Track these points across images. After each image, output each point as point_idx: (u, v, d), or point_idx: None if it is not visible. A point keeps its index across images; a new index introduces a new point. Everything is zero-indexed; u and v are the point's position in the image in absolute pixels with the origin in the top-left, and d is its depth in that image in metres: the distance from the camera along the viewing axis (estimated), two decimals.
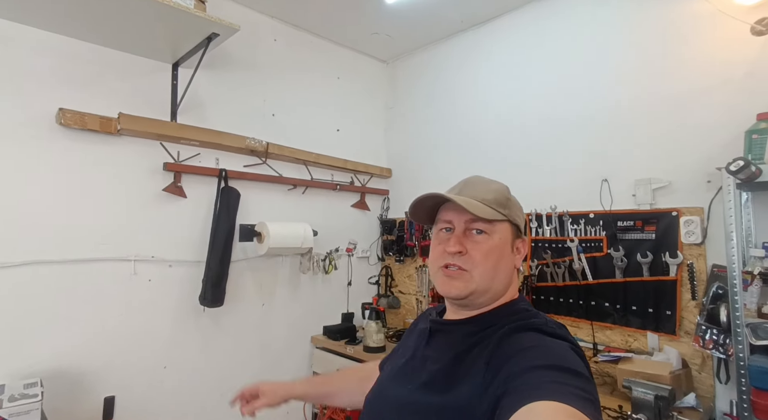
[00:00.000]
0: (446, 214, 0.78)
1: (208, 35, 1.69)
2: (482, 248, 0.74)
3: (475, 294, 0.74)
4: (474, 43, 2.46)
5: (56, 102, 1.63)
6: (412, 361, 0.78)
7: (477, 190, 0.77)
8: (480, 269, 0.73)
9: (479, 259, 0.73)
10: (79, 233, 1.68)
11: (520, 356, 0.61)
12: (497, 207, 0.75)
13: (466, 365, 0.68)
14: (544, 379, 0.55)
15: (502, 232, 0.76)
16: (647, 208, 1.73)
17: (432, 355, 0.75)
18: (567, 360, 0.59)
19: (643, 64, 1.79)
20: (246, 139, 2.13)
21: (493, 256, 0.73)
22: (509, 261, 0.77)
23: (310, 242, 2.23)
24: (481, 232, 0.75)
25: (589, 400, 0.52)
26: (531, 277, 2.06)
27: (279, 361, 2.30)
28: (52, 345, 1.59)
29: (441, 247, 0.77)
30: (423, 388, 0.70)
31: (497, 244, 0.74)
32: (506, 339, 0.67)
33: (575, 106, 2.00)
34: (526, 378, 0.56)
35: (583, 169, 1.95)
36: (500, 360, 0.63)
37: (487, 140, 2.36)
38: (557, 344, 0.64)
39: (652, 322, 1.68)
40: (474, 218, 0.74)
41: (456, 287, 0.73)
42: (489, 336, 0.69)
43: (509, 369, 0.59)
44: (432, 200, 0.78)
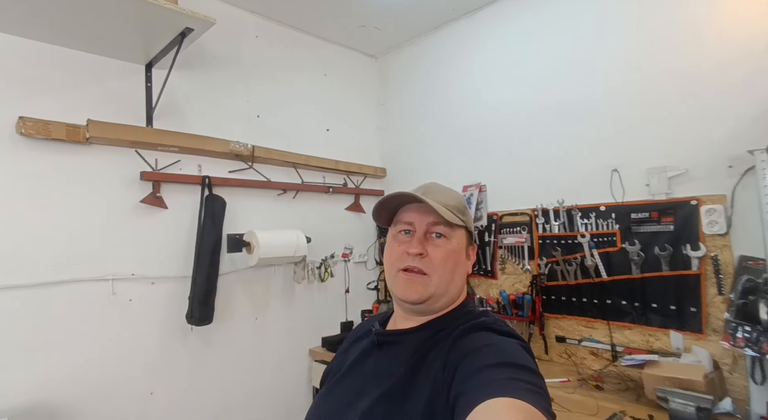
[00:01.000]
0: (408, 215, 0.78)
1: (182, 31, 1.55)
2: (441, 252, 0.75)
3: (433, 298, 0.74)
4: (467, 32, 2.34)
5: (16, 110, 1.48)
6: (361, 378, 0.75)
7: (439, 195, 0.78)
8: (439, 273, 0.74)
9: (439, 262, 0.74)
10: (49, 253, 1.53)
11: (473, 356, 0.62)
12: (457, 213, 0.77)
13: (424, 373, 0.68)
14: (497, 377, 0.57)
15: (459, 237, 0.78)
16: (663, 198, 1.62)
17: (385, 368, 0.73)
18: (516, 356, 0.62)
19: (652, 41, 1.67)
20: (230, 143, 1.99)
21: (450, 261, 0.75)
22: (464, 266, 0.79)
23: (303, 250, 2.09)
24: (441, 235, 0.76)
25: (539, 393, 0.55)
26: (540, 277, 1.94)
27: (276, 379, 2.16)
28: (22, 379, 1.44)
29: (401, 248, 0.76)
30: (381, 403, 0.68)
31: (455, 248, 0.76)
32: (459, 340, 0.68)
33: (579, 92, 1.88)
34: (479, 377, 0.58)
35: (591, 160, 1.84)
36: (455, 362, 0.64)
37: (485, 133, 2.24)
38: (507, 342, 0.66)
39: (675, 320, 1.56)
40: (435, 221, 0.75)
41: (416, 291, 0.74)
42: (443, 339, 0.71)
43: (464, 369, 0.61)
44: (400, 200, 0.78)
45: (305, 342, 2.29)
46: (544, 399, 0.55)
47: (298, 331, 2.27)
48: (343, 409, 0.72)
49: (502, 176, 2.17)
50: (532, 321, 1.94)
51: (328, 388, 0.81)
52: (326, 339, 2.29)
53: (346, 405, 0.72)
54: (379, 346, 0.78)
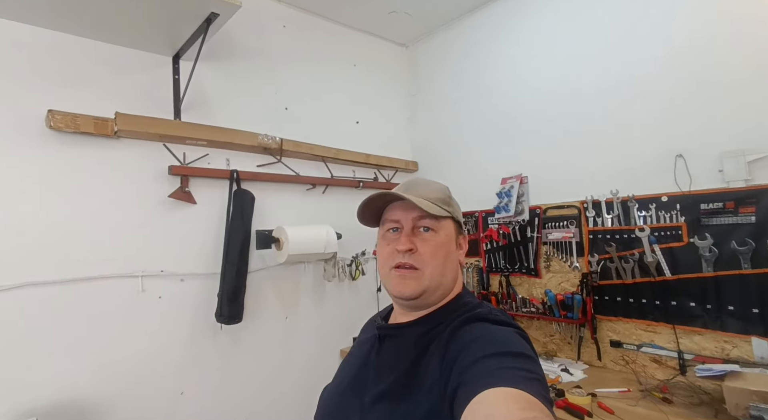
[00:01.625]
0: (393, 213, 0.78)
1: (207, 16, 1.49)
2: (431, 245, 0.75)
3: (427, 292, 0.75)
4: (505, 12, 2.19)
5: (45, 103, 1.46)
6: (364, 371, 0.77)
7: (422, 189, 0.79)
8: (431, 266, 0.74)
9: (429, 256, 0.75)
10: (78, 249, 1.50)
11: (470, 348, 0.63)
12: (442, 204, 0.78)
13: (423, 366, 0.68)
14: (492, 367, 0.57)
15: (447, 228, 0.78)
16: (741, 186, 1.42)
17: (386, 362, 0.75)
18: (512, 344, 0.62)
19: (731, 15, 1.46)
20: (258, 136, 1.92)
21: (441, 253, 0.75)
22: (455, 257, 0.79)
23: (333, 247, 2.00)
24: (428, 229, 0.76)
25: (536, 379, 0.56)
26: (591, 275, 1.76)
27: (306, 379, 2.07)
28: (52, 377, 1.41)
29: (390, 246, 0.77)
30: (383, 398, 0.69)
31: (444, 240, 0.77)
32: (456, 333, 0.68)
33: (634, 69, 1.69)
34: (476, 368, 0.58)
35: (650, 145, 1.65)
36: (453, 354, 0.64)
37: (526, 120, 2.08)
38: (502, 331, 0.66)
39: (758, 324, 1.36)
40: (421, 216, 0.76)
41: (410, 286, 0.74)
42: (441, 332, 0.71)
43: (461, 362, 0.61)
44: (382, 200, 0.78)
45: (336, 342, 2.21)
46: (541, 385, 0.55)
47: (329, 331, 2.18)
48: (349, 405, 0.73)
49: (545, 166, 2.00)
50: (582, 323, 1.77)
51: (338, 382, 0.82)
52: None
53: (353, 401, 0.73)
54: (381, 340, 0.79)
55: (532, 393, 0.51)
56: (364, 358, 0.80)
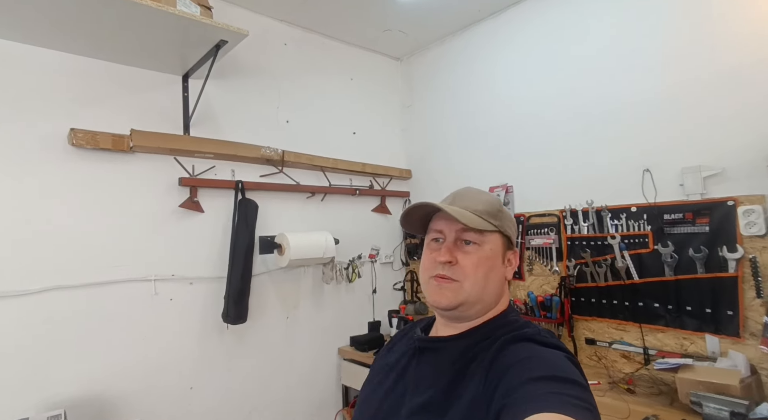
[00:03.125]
0: (437, 223, 0.78)
1: (217, 43, 1.63)
2: (472, 259, 0.73)
3: (465, 305, 0.73)
4: (492, 32, 2.34)
5: (67, 122, 1.59)
6: (402, 383, 0.75)
7: (468, 200, 0.77)
8: (470, 280, 0.72)
9: (469, 269, 0.73)
10: (98, 255, 1.64)
11: (517, 368, 0.61)
12: (488, 218, 0.75)
13: (464, 383, 0.66)
14: (541, 391, 0.55)
15: (492, 242, 0.75)
16: (698, 199, 1.58)
17: (425, 375, 0.73)
18: (562, 369, 0.59)
19: (687, 39, 1.63)
20: (261, 148, 2.06)
21: (483, 267, 0.73)
22: (500, 272, 0.76)
23: (332, 251, 2.15)
24: (472, 242, 0.74)
25: (587, 409, 0.53)
26: (569, 278, 1.92)
27: (307, 375, 2.22)
28: (76, 373, 1.55)
29: (432, 256, 0.77)
30: (421, 412, 0.67)
31: (488, 254, 0.74)
32: (501, 352, 0.66)
33: (610, 90, 1.85)
34: (523, 391, 0.56)
35: (622, 160, 1.81)
36: (497, 374, 0.62)
37: (512, 134, 2.23)
38: (552, 354, 0.63)
39: (710, 323, 1.52)
40: (465, 228, 0.73)
41: (446, 297, 0.73)
42: (484, 350, 0.69)
43: (507, 383, 0.59)
44: (423, 210, 0.78)
45: (334, 341, 2.35)
46: (592, 415, 0.52)
47: (328, 330, 2.33)
48: (386, 417, 0.72)
49: (529, 177, 2.16)
50: (560, 323, 1.93)
51: (372, 390, 0.81)
52: (354, 338, 2.34)
53: (390, 412, 0.72)
54: (421, 352, 0.77)
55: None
56: (402, 369, 0.78)
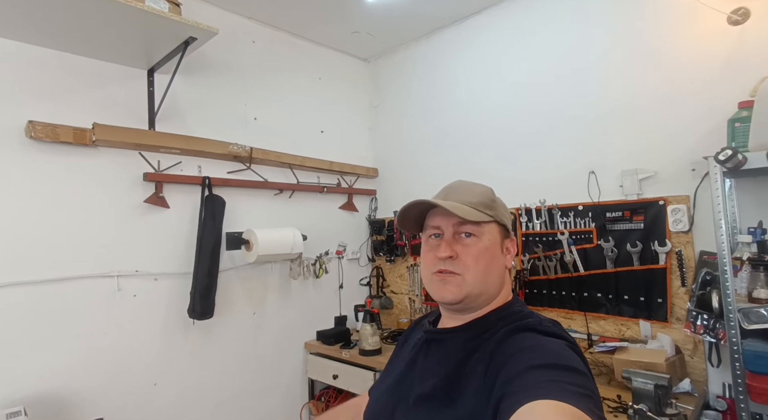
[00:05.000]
0: (434, 219, 0.78)
1: (185, 40, 1.63)
2: (472, 251, 0.74)
3: (470, 297, 0.73)
4: (455, 38, 2.46)
5: (25, 114, 1.55)
6: (411, 374, 0.77)
7: (461, 194, 0.78)
8: (472, 272, 0.73)
9: (470, 262, 0.73)
10: (58, 251, 1.60)
11: (517, 358, 0.61)
12: (483, 209, 0.76)
13: (467, 373, 0.68)
14: (541, 379, 0.55)
15: (490, 233, 0.76)
16: (635, 198, 1.76)
17: (431, 366, 0.74)
18: (563, 357, 0.60)
19: (625, 56, 1.81)
20: (229, 144, 2.07)
21: (484, 259, 0.74)
22: (500, 262, 0.77)
23: (299, 247, 2.19)
24: (470, 235, 0.75)
25: (587, 395, 0.53)
26: (523, 272, 2.07)
27: (274, 370, 2.26)
28: (35, 370, 1.52)
29: (432, 253, 0.77)
30: (425, 402, 0.69)
31: (487, 245, 0.75)
32: (503, 342, 0.67)
33: (561, 99, 2.01)
34: (524, 379, 0.57)
35: (571, 162, 1.97)
36: (498, 363, 0.63)
37: (472, 136, 2.36)
38: (553, 342, 0.64)
39: (644, 310, 1.70)
40: (462, 221, 0.74)
41: (450, 291, 0.73)
42: (486, 341, 0.70)
43: (507, 371, 0.60)
44: (418, 208, 0.78)
45: (301, 335, 2.39)
46: (592, 401, 0.53)
47: (294, 325, 2.37)
48: (395, 406, 0.74)
49: (488, 177, 2.28)
50: None
51: (386, 383, 0.83)
52: (321, 332, 2.40)
53: (398, 402, 0.74)
54: (428, 344, 0.79)
55: (583, 409, 0.49)
56: (410, 360, 0.80)
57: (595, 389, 0.57)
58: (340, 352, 2.21)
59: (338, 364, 2.19)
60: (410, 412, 0.71)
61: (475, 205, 0.75)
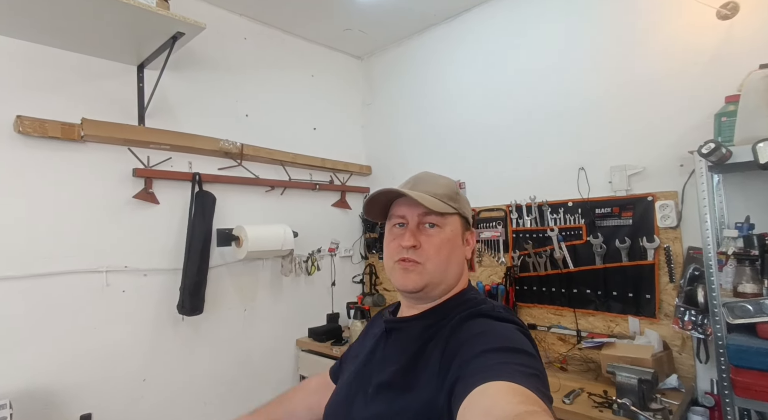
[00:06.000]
0: (399, 209, 0.80)
1: (173, 35, 1.63)
2: (435, 241, 0.76)
3: (430, 286, 0.76)
4: (447, 36, 2.45)
5: (13, 109, 1.55)
6: (371, 364, 0.79)
7: (428, 185, 0.80)
8: (434, 262, 0.75)
9: (433, 252, 0.75)
10: (45, 246, 1.60)
11: (470, 343, 0.64)
12: (448, 201, 0.78)
13: (424, 360, 0.70)
14: (492, 362, 0.58)
15: (453, 224, 0.78)
16: (623, 195, 1.75)
17: (390, 354, 0.77)
18: (512, 340, 0.63)
19: (614, 51, 1.81)
20: (219, 141, 2.07)
21: (445, 249, 0.76)
22: (460, 252, 0.80)
23: (290, 244, 2.19)
24: (434, 225, 0.77)
25: (534, 375, 0.56)
26: (513, 268, 2.06)
27: (264, 366, 2.25)
28: (22, 364, 1.52)
29: (396, 242, 0.79)
30: (384, 390, 0.71)
31: (449, 236, 0.77)
32: (458, 328, 0.70)
33: (550, 96, 2.01)
34: (476, 362, 0.59)
35: (561, 159, 1.96)
36: (453, 349, 0.66)
37: (464, 133, 2.36)
38: (504, 327, 0.67)
39: (632, 306, 1.70)
40: (427, 212, 0.76)
41: (412, 280, 0.75)
42: (442, 328, 0.72)
43: (461, 356, 0.63)
44: (386, 196, 0.80)
45: (292, 332, 2.39)
46: (540, 381, 0.57)
47: (286, 322, 2.37)
48: (356, 394, 0.77)
49: (479, 174, 2.29)
50: None
51: (347, 373, 0.85)
52: (313, 330, 2.40)
53: (359, 390, 0.77)
54: (388, 333, 0.82)
55: (531, 388, 0.52)
56: (371, 349, 0.82)
57: (542, 368, 0.61)
58: (331, 349, 2.21)
59: (329, 360, 2.19)
60: (370, 400, 0.72)
61: (440, 197, 0.78)
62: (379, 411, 0.70)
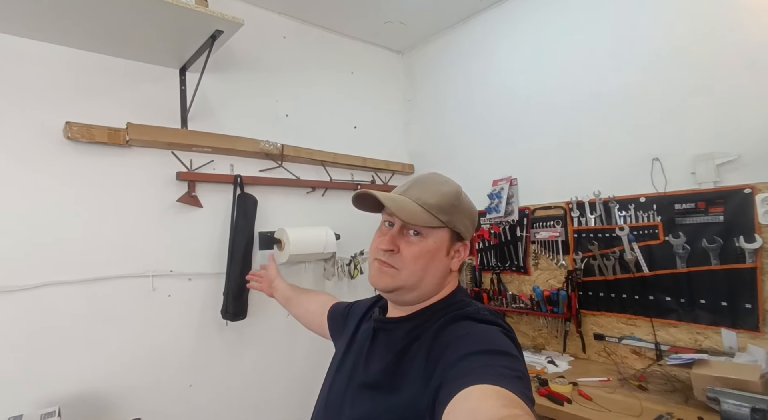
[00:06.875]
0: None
1: (212, 33, 1.60)
2: (413, 250, 0.76)
3: (402, 290, 0.77)
4: (496, 21, 2.29)
5: (63, 116, 1.57)
6: (359, 362, 0.80)
7: (423, 191, 0.78)
8: (408, 270, 0.75)
9: (409, 260, 0.75)
10: (94, 250, 1.61)
11: (455, 345, 0.64)
12: (437, 213, 0.75)
13: (408, 362, 0.71)
14: (475, 365, 0.58)
15: (438, 236, 0.77)
16: (711, 187, 1.51)
17: (376, 354, 0.78)
18: (495, 343, 0.63)
19: (695, 17, 1.57)
20: (260, 142, 2.03)
21: (422, 259, 0.76)
22: (441, 264, 0.78)
23: (332, 247, 2.11)
24: (418, 233, 0.77)
25: (517, 377, 0.57)
26: (576, 272, 1.86)
27: (307, 374, 2.18)
28: (72, 369, 1.52)
29: (378, 240, 0.80)
30: (369, 389, 0.72)
31: (430, 247, 0.76)
32: (442, 331, 0.70)
33: (615, 78, 1.79)
34: (459, 366, 0.59)
35: (629, 149, 1.75)
36: (437, 352, 0.66)
37: (516, 125, 2.18)
38: (488, 330, 0.68)
39: (726, 317, 1.46)
40: None
41: (383, 281, 0.77)
42: (426, 330, 0.73)
43: (445, 360, 0.63)
44: (371, 199, 0.78)
45: None
46: (522, 383, 0.57)
47: None
48: (345, 392, 0.78)
49: (534, 169, 2.10)
50: (567, 318, 1.87)
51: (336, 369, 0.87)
52: None
53: (347, 388, 0.78)
54: (375, 332, 0.83)
55: (514, 391, 0.53)
56: (360, 347, 0.84)
57: (525, 370, 0.61)
58: None
59: None
60: (356, 398, 0.73)
61: (430, 207, 0.75)
62: (363, 410, 0.71)
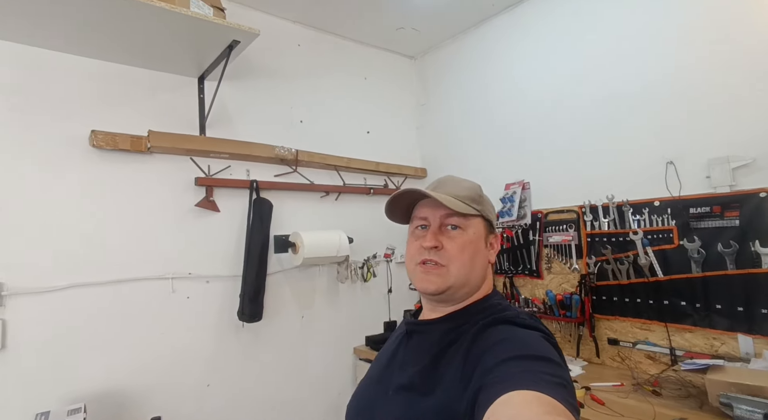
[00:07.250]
0: (421, 210, 0.80)
1: (229, 43, 1.65)
2: (457, 243, 0.75)
3: (453, 288, 0.74)
4: (508, 26, 2.30)
5: (88, 125, 1.64)
6: (392, 365, 0.79)
7: (451, 187, 0.79)
8: (457, 263, 0.74)
9: (455, 253, 0.74)
10: (117, 253, 1.68)
11: (494, 350, 0.62)
12: (471, 203, 0.77)
13: (444, 365, 0.69)
14: (516, 370, 0.56)
15: (476, 226, 0.77)
16: (726, 191, 1.50)
17: (411, 357, 0.76)
18: (537, 349, 0.61)
19: (710, 19, 1.56)
20: (275, 148, 2.08)
21: (468, 251, 0.75)
22: (484, 256, 0.78)
23: (346, 250, 2.14)
24: (456, 227, 0.76)
25: (561, 385, 0.54)
26: (589, 276, 1.86)
27: (323, 374, 2.22)
28: (96, 368, 1.59)
29: (417, 243, 0.78)
30: (404, 392, 0.70)
31: (472, 238, 0.76)
32: (480, 335, 0.68)
33: (628, 81, 1.79)
34: (500, 370, 0.57)
35: (643, 153, 1.74)
36: (476, 356, 0.64)
37: (528, 129, 2.18)
38: (528, 334, 0.65)
39: (743, 322, 1.44)
40: (449, 213, 0.75)
41: (433, 282, 0.74)
42: (464, 333, 0.71)
43: (484, 364, 0.61)
44: (410, 197, 0.79)
45: (350, 340, 2.34)
46: (567, 391, 0.54)
47: (343, 330, 2.32)
48: (376, 395, 0.76)
49: (546, 173, 2.10)
50: (581, 322, 1.86)
51: (369, 376, 0.84)
52: (370, 338, 2.33)
53: (380, 392, 0.76)
54: (409, 335, 0.81)
55: (558, 398, 0.50)
56: (393, 352, 0.82)
57: (569, 378, 0.58)
58: None
59: None
60: (390, 401, 0.71)
61: (463, 199, 0.77)
62: (398, 413, 0.68)
